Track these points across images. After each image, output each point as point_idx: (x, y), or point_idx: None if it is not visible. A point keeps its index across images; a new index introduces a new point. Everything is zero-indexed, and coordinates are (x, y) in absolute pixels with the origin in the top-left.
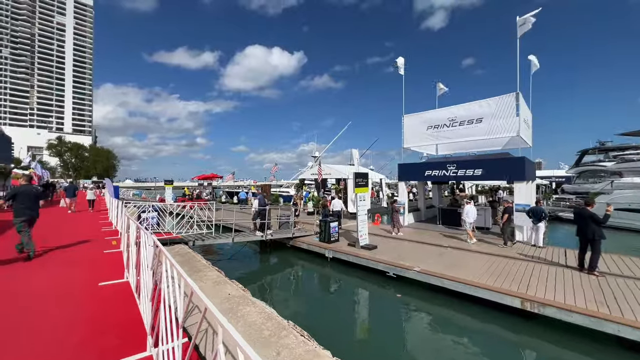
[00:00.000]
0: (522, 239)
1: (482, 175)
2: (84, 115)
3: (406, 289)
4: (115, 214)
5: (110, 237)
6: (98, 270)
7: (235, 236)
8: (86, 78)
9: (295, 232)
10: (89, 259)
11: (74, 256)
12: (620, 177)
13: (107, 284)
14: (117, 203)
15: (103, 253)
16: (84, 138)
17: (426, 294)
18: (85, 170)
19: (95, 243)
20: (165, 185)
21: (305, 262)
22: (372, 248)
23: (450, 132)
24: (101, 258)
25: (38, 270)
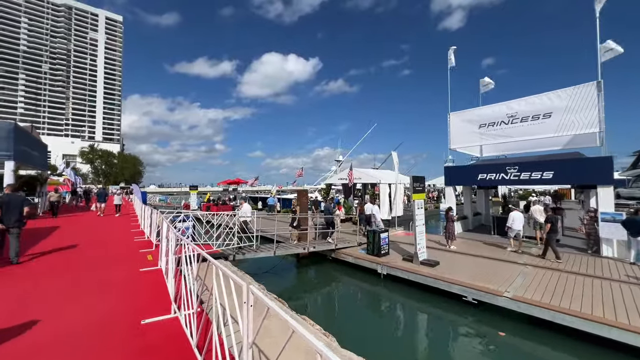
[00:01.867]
0: (612, 254)
1: (552, 178)
2: (113, 125)
3: (492, 321)
4: (148, 223)
5: (144, 250)
6: (137, 298)
7: (277, 248)
8: (115, 89)
9: (338, 244)
10: (124, 281)
11: (108, 277)
12: None
13: (151, 321)
14: (150, 211)
15: (139, 272)
16: (113, 146)
17: (525, 330)
18: (114, 176)
19: (129, 257)
20: (190, 190)
21: (351, 278)
22: (435, 264)
23: (509, 130)
24: (138, 279)
25: (69, 301)
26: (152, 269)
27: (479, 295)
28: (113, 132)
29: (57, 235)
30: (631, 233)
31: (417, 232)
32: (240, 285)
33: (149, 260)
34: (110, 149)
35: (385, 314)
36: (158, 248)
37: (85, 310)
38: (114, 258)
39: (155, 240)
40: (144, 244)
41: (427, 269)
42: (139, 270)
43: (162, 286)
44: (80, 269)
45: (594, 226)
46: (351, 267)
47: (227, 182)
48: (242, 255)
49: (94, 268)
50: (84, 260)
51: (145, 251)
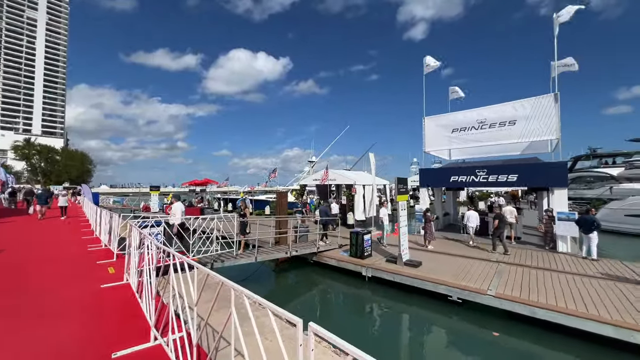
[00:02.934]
0: (566, 250)
1: (516, 181)
2: (56, 117)
3: (477, 318)
4: (106, 229)
5: (103, 261)
6: (102, 323)
7: (258, 254)
8: (59, 77)
9: (320, 246)
10: (82, 302)
11: (60, 298)
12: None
13: (125, 353)
14: (110, 216)
15: (101, 289)
16: (55, 140)
17: (515, 327)
18: (56, 175)
19: (85, 271)
20: (151, 191)
21: (335, 282)
22: (418, 265)
23: (479, 135)
24: (101, 298)
25: (8, 334)
26: (116, 285)
27: (464, 294)
28: (55, 125)
29: None
30: (583, 230)
31: (402, 233)
32: (295, 322)
33: (110, 273)
34: (51, 143)
35: (373, 317)
36: (121, 259)
37: (32, 345)
38: (65, 273)
39: (116, 249)
40: (101, 254)
41: (412, 270)
42: (99, 287)
43: (133, 306)
44: (22, 290)
45: (551, 224)
46: (334, 270)
47: (194, 183)
48: (222, 263)
49: (40, 287)
50: (25, 277)
51: (105, 262)
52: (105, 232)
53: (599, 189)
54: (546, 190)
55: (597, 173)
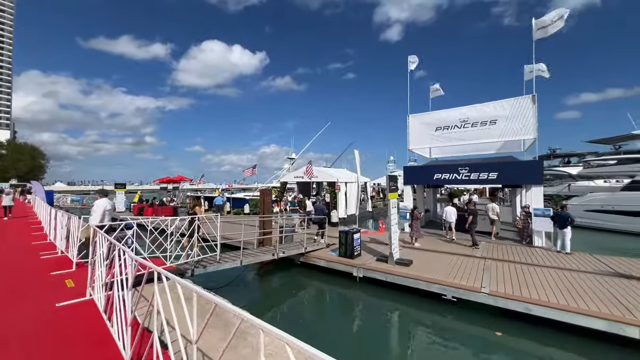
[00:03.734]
0: (541, 244)
1: (496, 178)
2: (1, 106)
3: (472, 317)
4: (63, 233)
5: (59, 272)
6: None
7: (243, 257)
8: (3, 60)
9: (307, 246)
10: (32, 326)
11: (2, 322)
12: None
13: None
14: (68, 218)
15: (56, 308)
16: (2, 132)
17: (511, 325)
18: (2, 171)
19: (35, 284)
20: (116, 189)
21: (324, 283)
22: (409, 263)
23: (461, 134)
24: (57, 321)
25: None
26: (77, 302)
27: (458, 292)
28: (0, 116)
29: None
30: (558, 226)
31: (392, 232)
32: None
33: (69, 287)
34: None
35: (366, 319)
36: (82, 269)
37: None
38: (8, 287)
39: (76, 257)
40: (56, 263)
41: (404, 269)
42: (54, 306)
43: (100, 331)
44: None
45: (528, 220)
46: (322, 271)
47: (166, 180)
48: (204, 269)
49: None
50: None
51: (61, 274)
52: (62, 236)
53: (558, 186)
54: (520, 188)
55: (556, 171)
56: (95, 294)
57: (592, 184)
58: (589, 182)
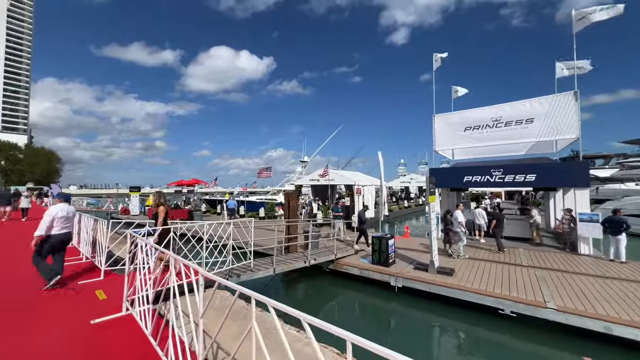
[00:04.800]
0: (588, 252)
1: (534, 181)
2: (18, 111)
3: (536, 335)
4: (88, 239)
5: (87, 281)
6: None
7: (276, 265)
8: (22, 69)
9: (337, 253)
10: (67, 351)
11: (30, 344)
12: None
13: None
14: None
15: (91, 327)
16: (18, 137)
17: (593, 348)
18: (19, 174)
19: (63, 296)
20: (131, 192)
21: (357, 293)
22: (451, 272)
23: (493, 134)
24: (97, 344)
25: None
26: (114, 318)
27: (518, 307)
28: (18, 121)
29: None
30: (610, 232)
31: (432, 238)
32: None
33: (100, 299)
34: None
35: (410, 333)
36: (112, 278)
37: None
38: (36, 297)
39: (104, 265)
40: (82, 270)
41: (448, 279)
42: (89, 323)
43: (147, 354)
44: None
45: (571, 225)
46: (354, 279)
47: (181, 183)
48: (237, 278)
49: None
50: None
51: (90, 282)
52: (87, 242)
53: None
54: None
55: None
56: (134, 307)
57: (623, 186)
58: (619, 185)
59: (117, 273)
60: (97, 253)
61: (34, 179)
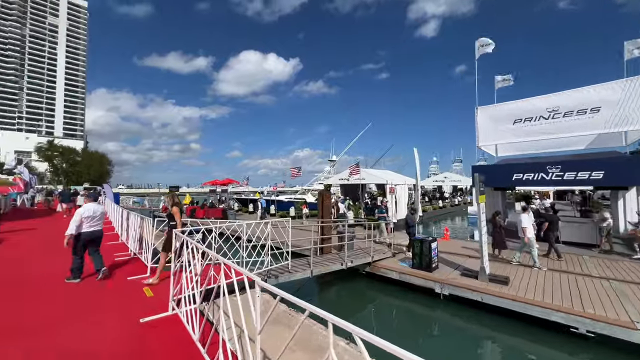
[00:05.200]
0: None
1: (602, 179)
2: (76, 120)
3: None
4: (135, 236)
5: (135, 277)
6: None
7: (313, 266)
8: (79, 81)
9: (374, 255)
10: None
11: (81, 342)
12: None
13: None
14: (140, 220)
15: (140, 325)
16: (76, 142)
17: None
18: (77, 175)
19: (114, 293)
20: (171, 192)
21: (396, 299)
22: (505, 281)
23: (548, 126)
24: (147, 344)
25: None
26: (161, 317)
27: (597, 326)
28: (76, 128)
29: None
30: None
31: (483, 242)
32: None
33: (147, 297)
34: (72, 145)
35: (459, 348)
36: (158, 275)
37: None
38: (89, 294)
39: (150, 262)
40: (130, 266)
41: (504, 289)
42: (139, 322)
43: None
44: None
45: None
46: (391, 283)
47: (215, 183)
48: (275, 279)
49: (49, 323)
50: (31, 300)
51: (137, 279)
52: (135, 239)
53: None
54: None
55: None
56: (179, 307)
57: None
58: None
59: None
60: (144, 249)
61: (89, 179)
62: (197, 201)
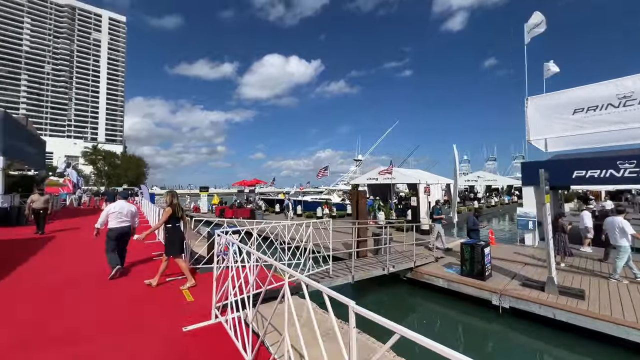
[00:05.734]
0: None
1: None
2: (116, 126)
3: None
4: None
5: (173, 278)
6: None
7: (355, 271)
8: (118, 91)
9: (417, 260)
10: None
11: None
12: None
13: None
14: None
15: (184, 335)
16: (116, 147)
17: None
18: (117, 177)
19: (155, 296)
20: (201, 192)
21: (443, 308)
22: (580, 294)
23: (618, 115)
24: (189, 354)
25: None
26: (205, 326)
27: None
28: (116, 134)
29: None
30: None
31: (549, 249)
32: None
33: (188, 301)
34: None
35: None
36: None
37: None
38: (129, 296)
39: (188, 262)
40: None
41: (581, 305)
42: (182, 331)
43: None
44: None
45: None
46: (437, 292)
47: (243, 183)
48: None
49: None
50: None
51: (176, 280)
52: None
53: None
54: None
55: None
56: (224, 316)
57: None
58: None
59: (199, 272)
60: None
61: (128, 181)
62: (226, 201)
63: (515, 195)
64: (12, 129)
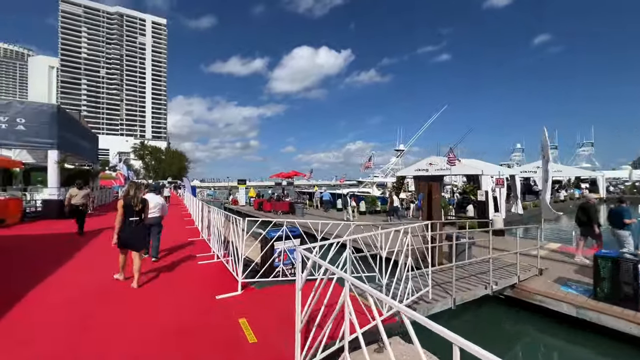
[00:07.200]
0: None
1: None
2: (161, 123)
3: None
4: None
5: (224, 296)
6: None
7: (456, 294)
8: (161, 91)
9: (521, 274)
10: None
11: None
12: None
13: None
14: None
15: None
16: (161, 143)
17: None
18: (162, 171)
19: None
20: (239, 185)
21: (564, 343)
22: None
23: None
24: None
25: None
26: None
27: None
28: (160, 131)
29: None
30: None
31: None
32: None
33: (250, 343)
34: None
35: None
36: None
37: None
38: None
39: (241, 276)
40: (216, 276)
41: None
42: None
43: None
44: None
45: None
46: (552, 317)
47: (281, 175)
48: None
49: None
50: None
51: (227, 298)
52: (220, 242)
53: None
54: None
55: None
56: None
57: None
58: None
59: (255, 287)
60: (231, 255)
61: (171, 174)
62: (263, 194)
63: (586, 189)
64: (66, 123)
